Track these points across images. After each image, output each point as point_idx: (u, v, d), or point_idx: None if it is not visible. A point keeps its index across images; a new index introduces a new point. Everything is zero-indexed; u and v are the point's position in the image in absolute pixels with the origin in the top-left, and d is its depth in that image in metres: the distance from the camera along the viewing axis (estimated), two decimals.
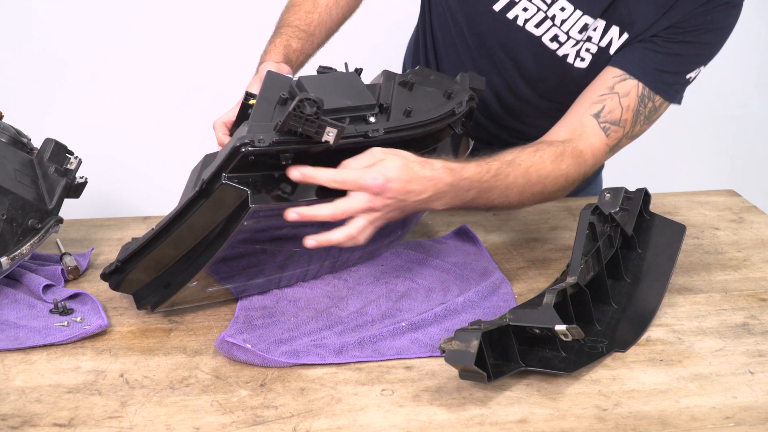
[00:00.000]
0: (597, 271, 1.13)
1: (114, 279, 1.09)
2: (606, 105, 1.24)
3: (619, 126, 1.24)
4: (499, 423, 0.92)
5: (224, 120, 1.18)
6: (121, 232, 1.38)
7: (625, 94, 1.24)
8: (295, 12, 1.37)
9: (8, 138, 1.19)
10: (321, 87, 1.04)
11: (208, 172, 0.99)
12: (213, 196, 0.99)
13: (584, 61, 1.31)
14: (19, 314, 1.11)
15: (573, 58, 1.31)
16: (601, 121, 1.24)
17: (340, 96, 1.04)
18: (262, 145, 0.96)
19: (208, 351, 1.05)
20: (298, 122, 0.95)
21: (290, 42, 1.32)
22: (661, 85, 1.25)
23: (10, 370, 1.01)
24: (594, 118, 1.24)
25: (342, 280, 1.21)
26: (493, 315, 1.12)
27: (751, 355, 1.05)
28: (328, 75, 1.10)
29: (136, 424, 0.91)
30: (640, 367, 1.03)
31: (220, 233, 1.02)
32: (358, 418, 0.93)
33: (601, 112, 1.24)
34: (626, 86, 1.24)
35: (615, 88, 1.24)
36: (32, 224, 1.15)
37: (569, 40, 1.30)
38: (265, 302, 1.14)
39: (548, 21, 1.29)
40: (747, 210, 1.50)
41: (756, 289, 1.22)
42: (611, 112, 1.24)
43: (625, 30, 1.27)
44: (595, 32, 1.28)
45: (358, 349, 1.04)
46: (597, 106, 1.24)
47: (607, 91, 1.24)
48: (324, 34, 1.39)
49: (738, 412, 0.94)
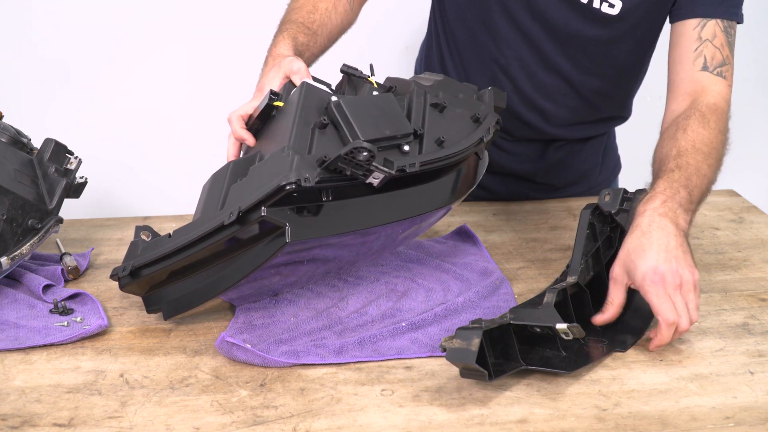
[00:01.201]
0: (597, 271, 1.12)
1: (125, 282, 1.08)
2: (706, 55, 1.28)
3: (726, 64, 1.29)
4: (499, 423, 0.92)
5: (241, 113, 1.16)
6: (121, 232, 1.38)
7: (713, 36, 1.28)
8: (297, 12, 1.37)
9: (8, 138, 1.19)
10: (360, 113, 1.04)
11: (246, 201, 0.98)
12: (249, 224, 0.98)
13: (614, 8, 1.32)
14: (19, 314, 1.11)
15: (599, 2, 1.32)
16: (713, 70, 1.28)
17: (378, 123, 1.04)
18: (307, 185, 0.96)
19: (208, 351, 1.05)
20: (347, 165, 0.97)
21: (297, 36, 1.31)
22: (731, 9, 1.30)
23: (10, 370, 1.01)
24: (704, 71, 1.28)
25: (342, 280, 1.21)
26: (493, 315, 1.12)
27: (751, 355, 1.05)
28: (366, 98, 1.10)
29: (136, 424, 0.91)
30: (640, 367, 1.03)
31: (249, 258, 1.02)
32: (358, 418, 0.93)
33: (706, 63, 1.28)
34: (709, 30, 1.28)
35: (701, 36, 1.28)
36: (32, 224, 1.15)
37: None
38: (265, 302, 1.14)
39: None
40: (747, 210, 1.50)
41: (756, 289, 1.22)
42: (714, 57, 1.28)
43: None
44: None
45: (358, 349, 1.04)
46: (699, 61, 1.28)
47: (697, 43, 1.29)
48: (326, 36, 1.38)
49: (738, 412, 0.94)
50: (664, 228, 1.07)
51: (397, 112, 1.08)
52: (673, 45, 1.32)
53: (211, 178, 1.11)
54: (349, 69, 1.16)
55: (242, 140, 1.14)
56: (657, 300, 1.03)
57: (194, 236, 1.01)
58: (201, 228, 1.01)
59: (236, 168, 1.09)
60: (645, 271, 1.04)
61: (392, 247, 1.20)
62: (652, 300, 1.03)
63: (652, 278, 1.03)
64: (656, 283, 1.03)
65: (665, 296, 1.03)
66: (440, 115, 1.13)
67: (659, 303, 1.03)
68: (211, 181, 1.11)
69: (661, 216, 1.08)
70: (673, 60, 1.31)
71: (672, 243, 1.05)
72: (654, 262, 1.03)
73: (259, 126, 1.15)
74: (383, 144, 1.03)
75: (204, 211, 1.08)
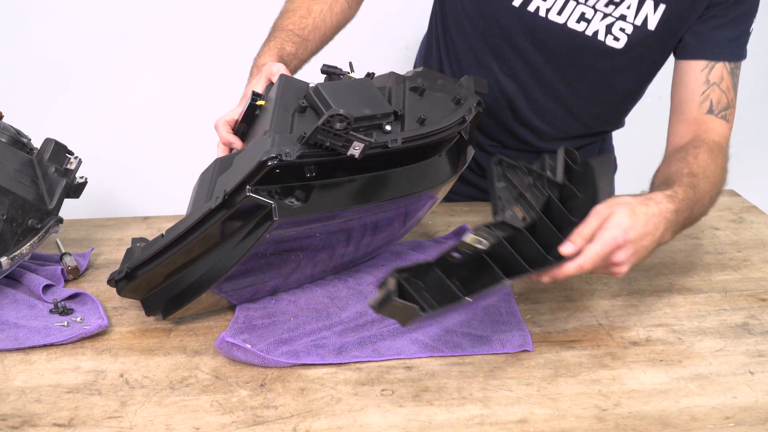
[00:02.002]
0: (534, 217, 1.11)
1: (122, 285, 1.08)
2: (712, 99, 1.28)
3: (730, 107, 1.30)
4: (499, 423, 0.92)
5: (227, 119, 1.17)
6: (121, 232, 1.38)
7: (720, 79, 1.29)
8: (290, 17, 1.37)
9: (8, 138, 1.19)
10: (338, 94, 1.04)
11: (230, 184, 0.98)
12: (235, 207, 0.98)
13: (619, 41, 1.31)
14: (19, 314, 1.11)
15: (604, 34, 1.31)
16: (717, 114, 1.28)
17: (357, 104, 1.04)
18: (288, 159, 0.96)
19: (208, 351, 1.05)
20: (326, 136, 0.97)
21: (284, 45, 1.32)
22: (737, 50, 1.30)
23: (10, 370, 1.01)
24: (709, 114, 1.28)
25: (342, 280, 1.21)
26: (492, 314, 1.12)
27: (751, 355, 1.05)
28: (344, 82, 1.10)
29: (136, 424, 0.91)
30: (640, 367, 1.03)
31: (239, 244, 1.02)
32: (358, 418, 0.93)
33: (712, 106, 1.28)
34: (717, 73, 1.29)
35: (710, 79, 1.29)
36: (32, 224, 1.15)
37: (597, 14, 1.30)
38: (265, 302, 1.14)
39: (571, 2, 1.29)
40: (747, 210, 1.50)
41: (756, 289, 1.22)
42: (719, 101, 1.29)
43: (660, 1, 1.27)
44: (629, 9, 1.29)
45: (358, 349, 1.04)
46: (705, 104, 1.28)
47: (705, 87, 1.29)
48: (318, 40, 1.38)
49: (738, 412, 0.94)
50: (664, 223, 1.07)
51: (375, 94, 1.08)
52: (678, 83, 1.32)
53: (200, 177, 1.12)
54: (329, 68, 1.16)
55: (230, 145, 1.15)
56: (602, 241, 1.01)
57: (184, 228, 1.02)
58: (190, 219, 1.02)
59: (222, 163, 1.10)
60: (620, 222, 1.03)
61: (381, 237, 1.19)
62: (600, 234, 1.02)
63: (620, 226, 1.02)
64: (618, 228, 1.02)
65: (611, 243, 1.01)
66: (420, 98, 1.13)
67: (601, 244, 1.01)
68: (199, 179, 1.12)
69: (670, 212, 1.08)
70: (678, 98, 1.31)
71: (658, 233, 1.06)
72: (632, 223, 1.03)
73: (245, 129, 1.15)
74: (364, 123, 1.03)
75: (193, 206, 1.08)
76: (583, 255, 1.01)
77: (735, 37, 1.28)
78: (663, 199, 1.09)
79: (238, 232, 1.01)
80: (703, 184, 1.18)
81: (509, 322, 1.11)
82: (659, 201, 1.09)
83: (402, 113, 1.09)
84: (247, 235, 1.01)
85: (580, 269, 1.02)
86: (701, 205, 1.18)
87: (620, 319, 1.13)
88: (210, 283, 1.06)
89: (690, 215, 1.15)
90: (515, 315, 1.12)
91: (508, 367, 1.02)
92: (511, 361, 1.03)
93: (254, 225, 1.00)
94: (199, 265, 1.06)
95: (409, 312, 0.91)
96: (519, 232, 1.06)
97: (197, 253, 1.04)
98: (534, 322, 1.12)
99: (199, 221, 1.01)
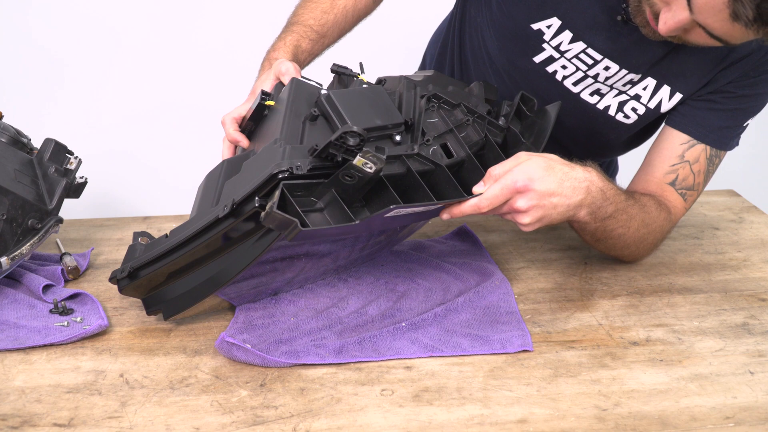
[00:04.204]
0: (462, 155, 1.11)
1: (124, 284, 1.08)
2: (679, 174, 1.26)
3: (693, 190, 1.27)
4: (499, 423, 0.92)
5: (234, 116, 1.16)
6: (121, 232, 1.38)
7: (695, 160, 1.25)
8: (311, 10, 1.33)
9: (8, 138, 1.19)
10: (350, 104, 1.04)
11: (239, 193, 0.98)
12: (243, 217, 0.98)
13: (629, 119, 1.29)
14: (19, 314, 1.11)
15: (615, 110, 1.29)
16: (678, 188, 1.26)
17: (368, 114, 1.04)
18: (299, 173, 0.96)
19: (208, 351, 1.05)
20: (338, 151, 0.97)
21: (301, 42, 1.29)
22: (725, 140, 1.26)
23: (10, 370, 1.01)
24: (670, 186, 1.26)
25: (342, 280, 1.21)
26: (492, 314, 1.12)
27: (751, 355, 1.05)
28: (356, 90, 1.10)
29: (136, 424, 0.91)
30: (640, 367, 1.03)
31: (245, 252, 1.02)
32: (358, 418, 0.93)
33: (676, 181, 1.26)
34: (695, 152, 1.25)
35: (685, 156, 1.25)
36: (32, 224, 1.15)
37: (611, 90, 1.28)
38: (265, 302, 1.14)
39: (589, 79, 1.27)
40: (747, 210, 1.50)
41: (756, 289, 1.22)
42: (685, 179, 1.26)
43: (677, 90, 1.25)
44: (644, 91, 1.26)
45: (358, 349, 1.04)
46: (671, 176, 1.26)
47: (677, 160, 1.25)
48: (336, 36, 1.36)
49: (738, 412, 0.94)
50: (583, 193, 1.06)
51: (387, 103, 1.08)
52: (656, 144, 1.29)
53: (206, 178, 1.11)
54: (339, 68, 1.16)
55: (236, 142, 1.14)
56: (503, 182, 1.01)
57: (190, 232, 1.01)
58: (196, 224, 1.01)
59: (230, 166, 1.09)
60: (529, 169, 1.03)
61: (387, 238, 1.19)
62: (504, 176, 1.02)
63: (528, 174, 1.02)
64: (523, 174, 1.02)
65: (511, 187, 1.01)
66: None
67: (501, 186, 1.01)
68: (205, 180, 1.11)
69: (596, 188, 1.07)
70: (650, 157, 1.28)
71: (572, 200, 1.05)
72: (542, 175, 1.03)
73: (252, 127, 1.15)
74: (374, 134, 1.03)
75: (199, 209, 1.08)
76: (484, 194, 1.01)
77: (726, 126, 1.25)
78: (596, 175, 1.07)
79: (246, 238, 1.01)
80: (638, 212, 1.17)
81: (509, 322, 1.11)
82: (589, 171, 1.07)
83: (412, 123, 1.09)
84: (254, 244, 1.01)
85: (476, 208, 1.02)
86: (624, 224, 1.16)
87: (620, 319, 1.14)
88: (214, 288, 1.06)
89: (614, 216, 1.13)
90: (515, 315, 1.13)
91: (508, 367, 1.02)
92: (511, 361, 1.03)
93: (261, 235, 1.00)
94: (203, 269, 1.06)
95: (289, 225, 0.91)
96: (439, 167, 1.06)
97: (202, 257, 1.04)
98: (534, 322, 1.12)
99: (207, 227, 1.00)
